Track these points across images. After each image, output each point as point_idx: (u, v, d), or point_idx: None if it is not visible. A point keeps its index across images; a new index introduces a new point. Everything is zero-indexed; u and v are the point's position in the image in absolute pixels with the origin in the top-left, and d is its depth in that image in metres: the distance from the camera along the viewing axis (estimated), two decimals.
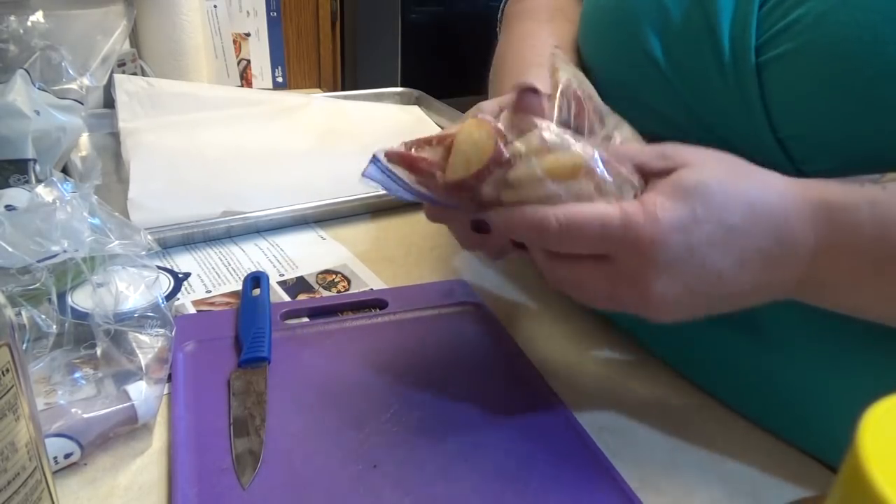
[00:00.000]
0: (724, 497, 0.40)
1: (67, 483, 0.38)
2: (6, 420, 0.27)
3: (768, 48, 0.39)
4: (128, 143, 0.80)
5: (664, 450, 0.43)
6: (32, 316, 0.43)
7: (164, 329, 0.46)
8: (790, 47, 0.38)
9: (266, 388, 0.45)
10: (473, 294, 0.57)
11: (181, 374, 0.46)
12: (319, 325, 0.52)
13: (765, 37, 0.39)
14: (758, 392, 0.45)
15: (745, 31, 0.40)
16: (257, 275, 0.57)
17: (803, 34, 0.37)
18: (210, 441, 0.40)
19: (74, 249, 0.46)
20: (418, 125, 0.98)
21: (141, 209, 0.66)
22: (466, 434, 0.42)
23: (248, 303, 0.53)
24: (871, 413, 0.17)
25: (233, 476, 0.38)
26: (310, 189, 0.71)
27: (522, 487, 0.38)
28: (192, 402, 0.43)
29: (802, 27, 0.37)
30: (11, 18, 0.74)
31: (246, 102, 0.93)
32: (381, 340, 0.51)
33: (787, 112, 0.39)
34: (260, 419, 0.42)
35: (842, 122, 0.37)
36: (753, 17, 0.40)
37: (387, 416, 0.43)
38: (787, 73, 0.38)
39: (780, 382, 0.44)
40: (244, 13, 1.17)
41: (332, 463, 0.39)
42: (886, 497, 0.15)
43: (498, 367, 0.49)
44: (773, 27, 0.39)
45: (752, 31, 0.40)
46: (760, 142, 0.40)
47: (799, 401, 0.43)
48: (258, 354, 0.47)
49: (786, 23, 0.38)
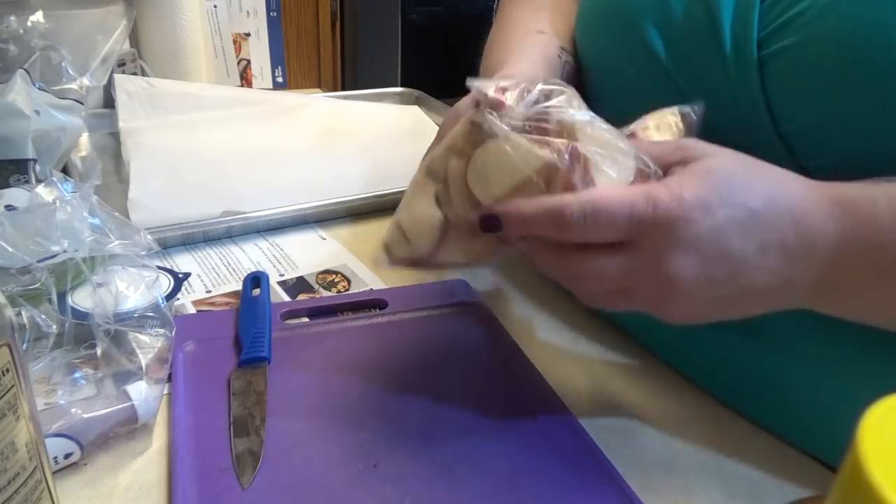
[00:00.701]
0: (724, 497, 0.40)
1: (67, 483, 0.38)
2: (6, 420, 0.27)
3: (770, 42, 0.39)
4: (128, 143, 0.80)
5: (664, 450, 0.43)
6: (32, 316, 0.43)
7: (164, 329, 0.46)
8: (793, 41, 0.38)
9: (266, 387, 0.45)
10: (474, 294, 0.57)
11: (181, 374, 0.46)
12: (319, 325, 0.52)
13: (767, 30, 0.39)
14: (758, 393, 0.45)
15: (746, 24, 0.40)
16: (257, 275, 0.57)
17: (806, 28, 0.37)
18: (210, 441, 0.40)
19: (74, 249, 0.46)
20: (418, 125, 0.98)
21: (141, 209, 0.66)
22: (466, 434, 0.42)
23: (248, 303, 0.53)
24: (871, 413, 0.17)
25: (233, 476, 0.38)
26: (310, 189, 0.71)
27: (522, 487, 0.38)
28: (192, 402, 0.43)
29: (805, 21, 0.37)
30: (11, 18, 0.74)
31: (246, 102, 0.93)
32: (381, 340, 0.51)
33: (789, 106, 0.39)
34: (260, 419, 0.42)
35: (844, 117, 0.37)
36: (755, 10, 0.40)
37: (387, 415, 0.43)
38: (789, 67, 0.38)
39: (780, 383, 0.44)
40: (244, 13, 1.17)
41: (332, 463, 0.39)
42: (886, 497, 0.15)
43: (498, 366, 0.49)
44: (775, 21, 0.39)
45: (754, 25, 0.40)
46: (762, 136, 0.40)
47: (799, 401, 0.43)
48: (258, 354, 0.47)
49: (788, 16, 0.38)
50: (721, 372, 0.47)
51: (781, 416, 0.45)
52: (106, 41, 0.88)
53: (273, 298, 0.55)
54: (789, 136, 0.39)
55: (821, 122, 0.38)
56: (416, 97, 1.07)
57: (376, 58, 2.11)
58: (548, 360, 0.50)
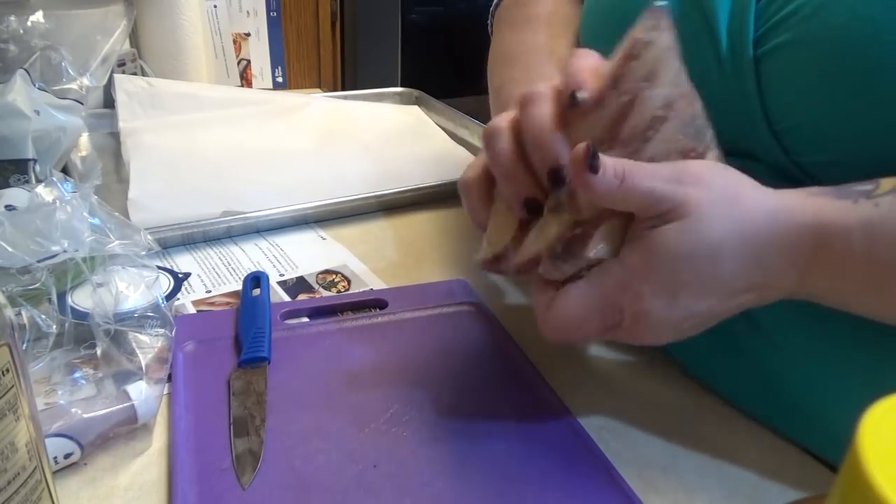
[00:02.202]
0: (723, 497, 0.40)
1: (67, 483, 0.38)
2: (6, 420, 0.27)
3: (766, 40, 0.39)
4: (128, 143, 0.80)
5: (664, 450, 0.43)
6: (32, 316, 0.43)
7: (164, 329, 0.46)
8: (787, 38, 0.38)
9: (266, 388, 0.45)
10: (474, 294, 0.57)
11: (181, 374, 0.46)
12: (319, 325, 0.52)
13: (763, 29, 0.39)
14: (759, 389, 0.45)
15: (742, 24, 0.40)
16: (257, 275, 0.57)
17: (801, 25, 0.37)
18: (210, 441, 0.40)
19: (74, 249, 0.46)
20: (418, 125, 0.98)
21: (141, 209, 0.66)
22: (466, 434, 0.42)
23: (248, 303, 0.53)
24: (871, 413, 0.17)
25: (233, 476, 0.38)
26: (310, 189, 0.71)
27: (522, 487, 0.38)
28: (192, 402, 0.43)
29: (800, 18, 0.37)
30: (11, 18, 0.74)
31: (246, 102, 0.93)
32: (381, 340, 0.51)
33: (784, 104, 0.39)
34: (260, 419, 0.42)
35: (838, 114, 0.37)
36: (751, 9, 0.40)
37: (387, 416, 0.43)
38: (784, 64, 0.38)
39: (782, 380, 0.44)
40: (244, 13, 1.17)
41: (332, 463, 0.39)
42: (886, 497, 0.15)
43: (498, 366, 0.49)
44: (771, 19, 0.39)
45: (749, 25, 0.40)
46: (756, 134, 0.40)
47: (800, 398, 0.43)
48: (258, 354, 0.47)
49: (783, 14, 0.38)
50: (722, 368, 0.47)
51: (782, 413, 0.45)
52: (106, 41, 0.88)
53: (273, 298, 0.55)
54: (784, 133, 0.39)
55: (815, 119, 0.38)
56: (416, 97, 1.07)
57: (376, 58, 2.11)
58: (547, 359, 0.50)
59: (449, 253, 0.65)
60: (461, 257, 0.64)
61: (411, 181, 0.75)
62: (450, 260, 0.64)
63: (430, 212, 0.73)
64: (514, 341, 0.51)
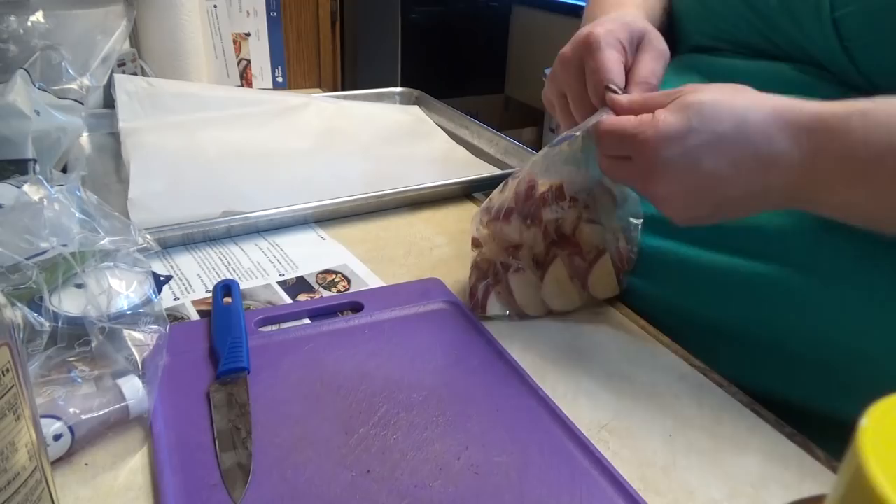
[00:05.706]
0: (724, 497, 0.40)
1: (67, 483, 0.38)
2: (6, 420, 0.27)
3: (839, 5, 0.45)
4: (128, 143, 0.80)
5: (664, 450, 0.43)
6: (26, 314, 0.43)
7: (157, 325, 0.46)
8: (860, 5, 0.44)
9: (248, 398, 0.43)
10: (448, 293, 0.56)
11: (156, 390, 0.44)
12: (296, 331, 0.51)
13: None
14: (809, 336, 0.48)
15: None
16: (228, 283, 0.56)
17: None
18: (195, 457, 0.39)
19: (63, 245, 0.46)
20: (418, 125, 0.98)
21: (141, 209, 0.66)
22: (459, 434, 0.42)
23: (220, 312, 0.51)
24: (871, 413, 0.17)
25: (223, 492, 0.37)
26: (310, 189, 0.71)
27: (519, 488, 0.38)
28: (172, 419, 0.42)
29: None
30: (11, 18, 0.74)
31: (246, 102, 0.93)
32: (361, 343, 0.50)
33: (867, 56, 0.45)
34: (245, 431, 0.41)
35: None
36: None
37: (374, 419, 0.43)
38: (860, 26, 0.45)
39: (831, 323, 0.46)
40: (244, 13, 1.17)
41: (324, 471, 0.39)
42: (886, 497, 0.15)
43: (480, 363, 0.48)
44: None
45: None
46: (851, 82, 0.47)
47: (849, 340, 0.46)
48: (237, 365, 0.45)
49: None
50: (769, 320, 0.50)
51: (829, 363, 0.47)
52: (106, 41, 0.88)
53: (273, 299, 0.55)
54: (840, 21, 0.45)
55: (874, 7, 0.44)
56: (416, 97, 1.07)
57: (376, 58, 2.11)
58: (547, 359, 0.50)
59: (449, 253, 0.65)
60: (461, 257, 0.64)
61: (411, 181, 0.75)
62: (450, 260, 0.64)
63: (430, 212, 0.73)
64: (491, 337, 0.51)
